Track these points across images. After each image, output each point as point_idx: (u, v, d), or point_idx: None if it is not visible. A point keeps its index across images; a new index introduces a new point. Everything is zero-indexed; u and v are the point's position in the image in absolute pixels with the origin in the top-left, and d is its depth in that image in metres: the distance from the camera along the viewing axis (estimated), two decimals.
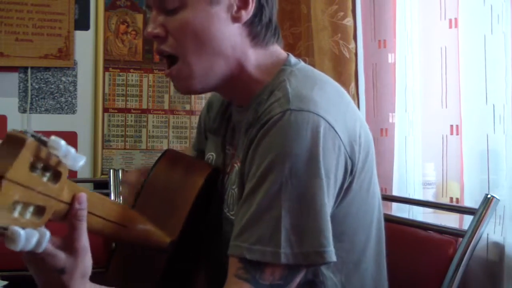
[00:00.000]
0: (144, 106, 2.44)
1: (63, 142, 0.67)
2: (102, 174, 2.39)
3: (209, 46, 1.02)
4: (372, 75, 1.92)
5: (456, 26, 1.59)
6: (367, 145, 1.03)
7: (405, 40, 1.74)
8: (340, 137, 0.96)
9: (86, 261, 0.79)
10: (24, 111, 2.37)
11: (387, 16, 1.88)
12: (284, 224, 0.91)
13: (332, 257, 0.93)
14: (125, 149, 2.43)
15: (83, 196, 0.77)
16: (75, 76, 2.39)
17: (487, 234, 1.40)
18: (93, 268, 0.81)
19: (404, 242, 1.45)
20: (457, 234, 1.38)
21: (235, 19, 1.03)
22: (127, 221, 0.98)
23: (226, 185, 1.11)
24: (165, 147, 2.44)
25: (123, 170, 2.28)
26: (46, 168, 0.67)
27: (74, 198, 0.76)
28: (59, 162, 0.68)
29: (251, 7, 1.03)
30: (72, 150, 0.68)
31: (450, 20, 1.61)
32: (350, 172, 0.99)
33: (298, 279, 0.95)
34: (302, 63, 1.10)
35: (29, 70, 2.36)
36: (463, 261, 1.30)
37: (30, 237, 0.65)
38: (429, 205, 1.67)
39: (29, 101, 2.36)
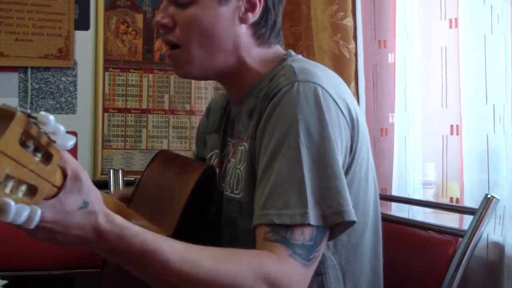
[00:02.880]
0: (144, 106, 2.44)
1: (52, 117, 0.65)
2: (102, 174, 2.39)
3: (212, 42, 1.08)
4: (372, 75, 1.92)
5: (456, 26, 1.59)
6: (363, 129, 1.07)
7: (405, 40, 1.74)
8: (342, 111, 1.01)
9: (95, 189, 0.79)
10: None
11: (387, 16, 1.88)
12: (307, 185, 0.94)
13: (351, 216, 0.95)
14: (125, 149, 2.43)
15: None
16: (75, 76, 2.39)
17: (487, 234, 1.40)
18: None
19: (404, 242, 1.45)
20: (457, 234, 1.38)
21: (242, 20, 1.09)
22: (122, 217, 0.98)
23: (227, 171, 1.12)
24: (165, 147, 2.43)
25: (123, 170, 2.28)
26: (37, 149, 0.66)
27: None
28: (49, 143, 0.67)
29: (258, 10, 1.09)
30: (62, 127, 0.67)
31: (450, 20, 1.61)
32: (350, 148, 1.03)
33: (325, 241, 0.97)
34: (301, 56, 1.15)
35: (29, 70, 2.36)
36: (463, 261, 1.30)
37: (21, 210, 0.64)
38: (429, 205, 1.67)
39: (29, 101, 2.36)
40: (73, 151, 2.40)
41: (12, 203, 0.62)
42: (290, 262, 0.91)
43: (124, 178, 2.25)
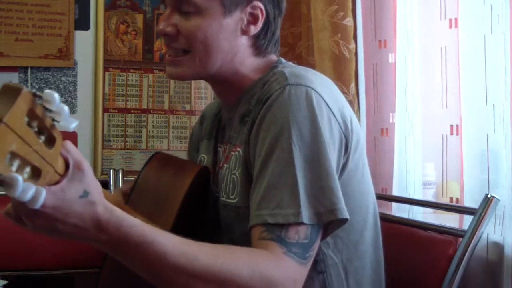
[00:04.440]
0: (144, 106, 2.44)
1: (57, 96, 0.66)
2: (102, 174, 2.39)
3: (214, 51, 1.09)
4: (372, 75, 1.92)
5: (456, 26, 1.59)
6: (357, 131, 1.09)
7: (405, 40, 1.74)
8: (333, 113, 1.03)
9: (96, 181, 0.80)
10: None
11: (387, 16, 1.88)
12: (300, 185, 0.96)
13: (344, 214, 0.97)
14: (125, 149, 2.43)
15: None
16: (75, 76, 2.39)
17: (487, 234, 1.40)
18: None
19: (404, 242, 1.45)
20: (457, 234, 1.38)
21: (244, 32, 1.11)
22: None
23: (221, 176, 1.14)
24: (165, 147, 2.43)
25: (123, 170, 2.28)
26: (41, 131, 0.66)
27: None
28: (53, 126, 0.67)
29: (260, 23, 1.11)
30: (66, 108, 0.68)
31: (450, 20, 1.61)
32: (345, 148, 1.05)
33: (320, 239, 0.98)
34: (292, 63, 1.18)
35: (29, 70, 2.36)
36: (463, 261, 1.30)
37: (27, 188, 0.63)
38: (429, 205, 1.67)
39: None
40: None
41: (20, 178, 0.61)
42: (285, 260, 0.93)
43: (124, 178, 2.25)
